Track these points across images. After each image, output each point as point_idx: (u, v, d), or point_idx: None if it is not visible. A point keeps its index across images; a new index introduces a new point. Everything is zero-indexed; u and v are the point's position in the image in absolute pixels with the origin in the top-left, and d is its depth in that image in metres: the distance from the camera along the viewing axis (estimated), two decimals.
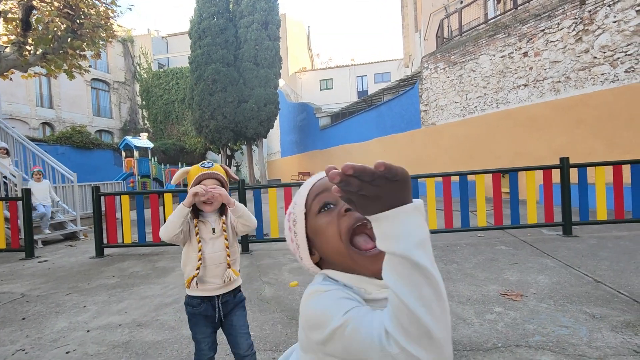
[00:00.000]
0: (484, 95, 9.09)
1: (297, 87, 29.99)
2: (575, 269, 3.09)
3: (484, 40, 9.00)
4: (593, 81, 6.81)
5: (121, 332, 2.39)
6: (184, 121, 25.50)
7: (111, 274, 3.91)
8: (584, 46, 6.91)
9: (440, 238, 4.62)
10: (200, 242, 1.42)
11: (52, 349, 2.20)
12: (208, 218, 1.47)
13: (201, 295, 1.45)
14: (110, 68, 26.32)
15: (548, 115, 7.59)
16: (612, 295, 2.46)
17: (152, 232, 4.78)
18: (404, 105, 12.27)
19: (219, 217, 1.49)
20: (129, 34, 27.88)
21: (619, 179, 4.42)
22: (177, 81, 26.18)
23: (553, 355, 1.76)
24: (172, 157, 22.79)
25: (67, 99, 22.47)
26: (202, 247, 1.42)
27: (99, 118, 25.23)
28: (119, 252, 5.02)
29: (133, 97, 28.09)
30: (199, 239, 1.43)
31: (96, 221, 4.78)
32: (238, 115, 16.52)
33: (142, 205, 4.89)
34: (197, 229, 1.44)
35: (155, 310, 2.76)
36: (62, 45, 7.89)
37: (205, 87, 16.32)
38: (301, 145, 22.04)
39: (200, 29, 16.38)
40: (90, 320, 2.64)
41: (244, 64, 16.49)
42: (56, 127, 21.58)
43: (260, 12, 16.45)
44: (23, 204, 5.01)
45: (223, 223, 1.48)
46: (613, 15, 6.44)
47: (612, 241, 3.96)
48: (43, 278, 3.92)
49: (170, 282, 3.47)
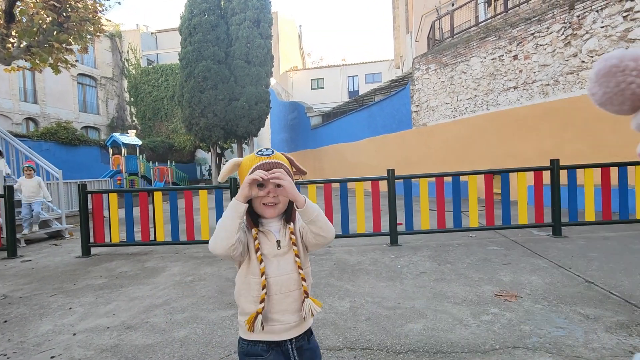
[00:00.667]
0: (475, 97, 9.19)
1: (288, 86, 29.88)
2: (566, 269, 3.12)
3: (475, 42, 9.10)
4: (581, 85, 6.94)
5: (109, 335, 2.31)
6: (173, 118, 25.13)
7: (98, 274, 3.80)
8: (573, 50, 7.04)
9: (433, 238, 4.63)
10: (262, 262, 1.01)
11: (36, 354, 2.11)
12: (270, 227, 1.06)
13: (267, 340, 1.03)
14: (98, 63, 25.76)
15: (537, 117, 7.71)
16: (604, 296, 2.49)
17: (141, 231, 4.67)
18: (395, 105, 12.32)
19: (284, 225, 1.08)
20: (117, 29, 27.35)
21: (606, 181, 4.51)
22: (167, 78, 25.81)
23: (551, 357, 1.76)
24: (160, 155, 22.46)
25: (52, 94, 21.90)
26: (265, 269, 1.01)
27: (85, 114, 24.68)
28: (107, 252, 4.89)
29: (121, 93, 27.56)
30: (260, 256, 1.01)
31: (83, 219, 4.65)
32: (229, 113, 16.36)
33: (131, 204, 4.78)
34: (257, 243, 1.02)
35: (145, 312, 2.68)
36: (48, 38, 7.67)
37: (196, 85, 16.11)
38: (292, 144, 21.96)
39: (191, 26, 16.16)
40: (76, 322, 2.54)
41: (235, 61, 16.34)
42: (40, 122, 21.01)
43: (252, 10, 16.32)
44: (5, 202, 4.84)
45: (291, 233, 1.06)
46: (601, 20, 6.57)
47: (601, 242, 4.03)
48: (26, 278, 3.78)
49: (160, 283, 3.39)
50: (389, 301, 2.62)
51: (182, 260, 4.23)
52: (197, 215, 4.95)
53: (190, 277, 3.52)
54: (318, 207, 1.01)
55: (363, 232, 4.58)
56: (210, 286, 3.20)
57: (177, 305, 2.78)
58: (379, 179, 4.60)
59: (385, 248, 4.32)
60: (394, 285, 2.98)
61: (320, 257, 4.02)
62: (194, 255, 4.49)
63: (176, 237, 4.66)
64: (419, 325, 2.20)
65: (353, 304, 2.60)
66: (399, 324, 2.24)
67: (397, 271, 3.35)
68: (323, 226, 1.01)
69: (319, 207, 1.02)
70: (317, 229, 1.01)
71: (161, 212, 4.71)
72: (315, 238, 1.03)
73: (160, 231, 4.68)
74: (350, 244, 4.62)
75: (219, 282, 3.30)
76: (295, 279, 1.04)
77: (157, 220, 4.69)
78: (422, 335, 2.07)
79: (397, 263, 3.62)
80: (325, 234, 1.02)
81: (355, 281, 3.13)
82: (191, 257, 4.37)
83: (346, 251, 4.26)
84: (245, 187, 0.96)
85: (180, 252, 4.66)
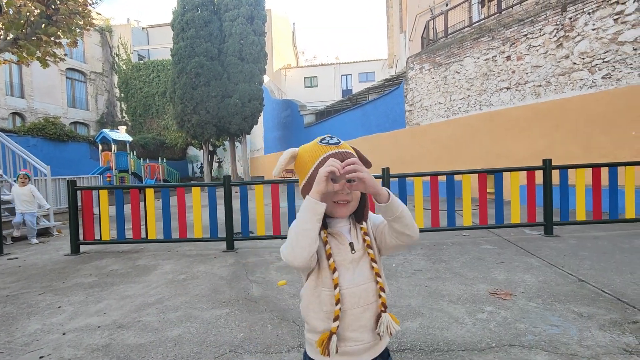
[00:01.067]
0: (468, 97, 9.25)
1: (281, 83, 29.76)
2: (559, 268, 3.16)
3: (469, 42, 9.15)
4: (572, 86, 7.03)
5: (100, 334, 2.26)
6: (164, 115, 24.85)
7: (88, 272, 3.72)
8: (564, 52, 7.12)
9: (427, 237, 4.64)
10: (335, 270, 0.86)
11: (24, 354, 2.05)
12: (339, 227, 0.92)
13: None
14: (87, 58, 25.30)
15: (529, 118, 7.80)
16: (596, 294, 2.52)
17: (132, 229, 4.59)
18: (389, 104, 12.35)
19: (354, 225, 0.93)
20: (108, 23, 26.90)
21: (597, 181, 4.57)
22: (158, 74, 25.48)
23: (547, 354, 1.77)
24: (151, 152, 22.20)
25: (39, 89, 21.45)
26: (338, 279, 0.86)
27: (74, 109, 24.23)
28: (97, 250, 4.80)
29: (111, 88, 27.12)
30: (332, 263, 0.86)
31: (72, 216, 4.55)
32: (221, 110, 16.22)
33: (122, 201, 4.69)
34: (328, 248, 0.88)
35: (137, 310, 2.63)
36: (36, 31, 7.48)
37: (188, 81, 15.93)
38: (285, 142, 21.87)
39: (184, 21, 15.96)
40: (66, 321, 2.48)
41: (228, 58, 16.19)
42: (27, 117, 20.57)
43: (246, 6, 16.18)
44: None
45: (365, 234, 0.92)
46: (592, 23, 6.66)
47: (591, 241, 4.09)
48: (13, 277, 3.68)
49: (152, 281, 3.33)
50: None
51: (174, 258, 4.17)
52: (189, 213, 4.89)
53: (183, 275, 3.47)
54: (401, 202, 0.85)
55: None
56: (204, 284, 3.16)
57: (170, 303, 2.73)
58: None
59: None
60: (389, 283, 2.97)
61: None
62: (186, 253, 4.43)
63: (168, 235, 4.59)
64: (415, 323, 2.20)
65: None
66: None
67: (392, 270, 3.35)
68: (409, 223, 0.85)
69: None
70: (403, 226, 0.85)
71: (153, 209, 4.64)
72: (398, 238, 0.87)
73: (152, 229, 4.61)
74: None
75: (212, 281, 3.26)
76: (372, 289, 0.88)
77: (149, 218, 4.61)
78: (418, 334, 2.06)
79: (391, 261, 3.62)
80: (411, 232, 0.86)
81: None
82: (184, 255, 4.31)
83: None
84: (322, 181, 0.80)
85: (172, 250, 4.60)
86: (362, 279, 0.88)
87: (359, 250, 0.89)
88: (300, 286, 0.95)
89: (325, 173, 0.80)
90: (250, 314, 2.47)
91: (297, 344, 2.02)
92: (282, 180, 4.84)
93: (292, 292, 2.84)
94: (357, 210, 0.92)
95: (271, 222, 4.52)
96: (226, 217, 4.45)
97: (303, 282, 0.93)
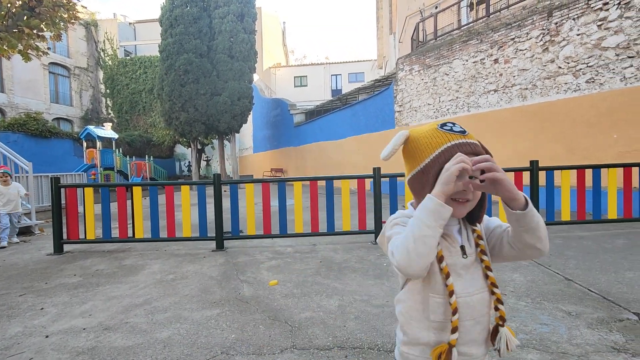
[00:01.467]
0: (456, 98, 9.37)
1: (271, 82, 29.59)
2: (546, 267, 3.22)
3: (458, 45, 9.27)
4: (557, 90, 7.19)
5: (86, 336, 2.19)
6: (151, 112, 24.42)
7: (72, 273, 3.61)
8: (550, 56, 7.28)
9: None
10: (449, 275, 0.77)
11: (5, 358, 1.97)
12: (449, 227, 0.81)
13: None
14: (71, 52, 24.64)
15: (515, 120, 7.94)
16: (583, 293, 2.57)
17: (119, 227, 4.48)
18: (378, 105, 12.41)
19: (465, 226, 0.84)
20: (93, 17, 26.26)
21: (582, 183, 4.69)
22: (145, 70, 25.02)
23: (538, 353, 1.79)
24: (138, 150, 21.77)
25: (20, 83, 20.78)
26: (453, 286, 0.77)
27: (57, 105, 23.57)
28: (81, 249, 4.66)
29: (96, 84, 26.49)
30: (446, 268, 0.77)
31: (55, 215, 4.41)
32: (210, 108, 16.01)
33: (108, 199, 4.57)
34: (439, 250, 0.78)
35: (124, 312, 2.56)
36: (17, 23, 7.24)
37: (177, 78, 15.67)
38: (274, 141, 21.76)
39: (172, 17, 15.70)
40: (49, 324, 2.40)
41: (217, 55, 16.00)
42: (7, 112, 19.91)
43: (237, 4, 16.02)
44: None
45: (479, 238, 0.83)
46: (577, 28, 6.83)
47: (576, 241, 4.18)
48: None
49: (139, 281, 3.25)
50: (377, 299, 2.62)
51: (162, 258, 4.09)
52: (177, 212, 4.80)
53: (171, 276, 3.40)
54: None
55: (349, 229, 4.57)
56: (193, 285, 3.10)
57: (159, 304, 2.67)
58: (365, 177, 4.61)
59: (370, 246, 4.33)
60: (382, 283, 2.97)
61: (305, 255, 3.97)
62: (174, 252, 4.34)
63: (156, 234, 4.50)
64: None
65: (341, 302, 2.58)
66: (388, 322, 2.23)
67: (384, 269, 3.36)
68: (542, 236, 0.75)
69: (305, 204, 0.92)
70: (535, 239, 0.74)
71: (140, 207, 4.54)
72: (522, 250, 0.77)
73: (139, 227, 4.51)
74: (336, 241, 4.60)
75: (202, 281, 3.21)
76: (486, 300, 0.80)
77: (136, 216, 4.51)
78: None
79: (383, 261, 3.62)
80: (542, 247, 0.75)
81: (343, 279, 3.10)
82: (172, 255, 4.23)
83: (332, 249, 4.24)
84: (452, 181, 0.70)
85: (160, 250, 4.50)
86: (474, 289, 0.79)
87: (470, 255, 0.80)
88: (287, 283, 0.93)
89: (456, 171, 0.69)
90: (241, 315, 2.43)
91: (289, 345, 2.00)
92: (271, 179, 4.80)
93: (284, 292, 2.81)
94: (472, 210, 0.81)
95: (262, 221, 4.48)
96: (216, 216, 4.39)
97: (399, 285, 0.84)
